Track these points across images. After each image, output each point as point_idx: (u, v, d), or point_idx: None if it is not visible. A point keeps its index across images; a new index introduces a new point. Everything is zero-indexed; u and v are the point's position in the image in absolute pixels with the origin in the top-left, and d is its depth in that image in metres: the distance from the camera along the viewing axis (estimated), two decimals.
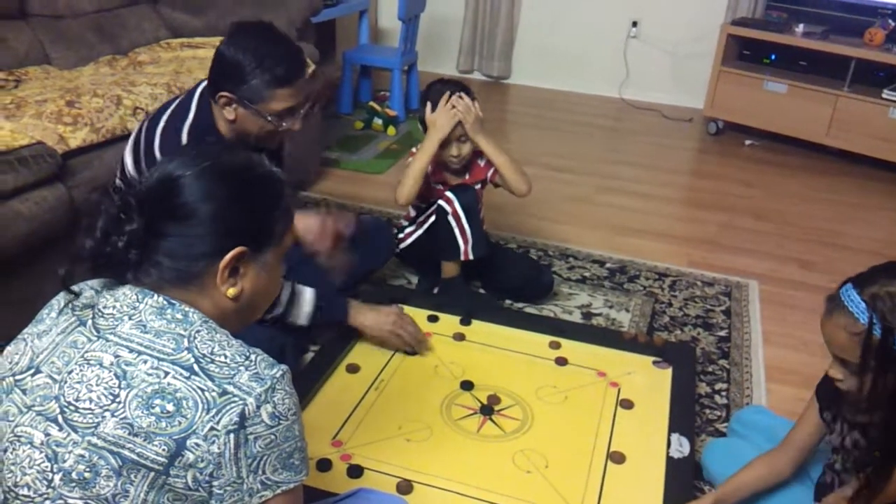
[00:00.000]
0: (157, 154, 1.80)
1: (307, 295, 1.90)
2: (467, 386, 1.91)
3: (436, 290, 2.40)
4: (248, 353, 0.94)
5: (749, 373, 2.16)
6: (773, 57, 4.09)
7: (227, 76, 1.74)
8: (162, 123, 1.83)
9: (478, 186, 2.41)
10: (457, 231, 2.29)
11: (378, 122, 4.00)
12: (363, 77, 4.44)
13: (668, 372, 1.99)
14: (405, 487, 1.57)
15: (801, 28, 3.92)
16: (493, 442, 1.74)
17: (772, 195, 3.51)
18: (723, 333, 2.34)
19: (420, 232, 2.40)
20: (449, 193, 2.30)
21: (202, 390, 0.89)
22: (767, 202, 3.43)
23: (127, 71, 2.76)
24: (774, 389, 2.10)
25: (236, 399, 0.90)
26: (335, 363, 1.95)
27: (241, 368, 0.92)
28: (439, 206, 2.31)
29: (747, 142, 4.17)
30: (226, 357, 0.93)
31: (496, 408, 1.84)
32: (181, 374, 0.90)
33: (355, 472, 1.60)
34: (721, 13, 4.38)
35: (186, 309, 0.96)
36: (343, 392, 1.87)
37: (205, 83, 1.85)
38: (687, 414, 1.82)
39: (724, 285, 2.64)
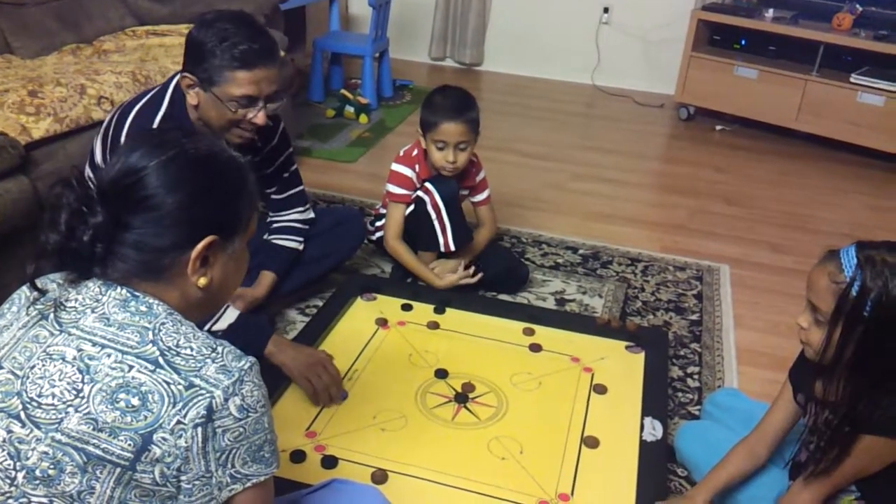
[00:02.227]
0: None
1: (228, 314, 1.77)
2: (442, 374, 1.90)
3: (410, 279, 2.39)
4: (214, 346, 0.93)
5: (721, 356, 2.18)
6: (743, 42, 4.11)
7: (191, 56, 1.71)
8: (132, 114, 1.79)
9: (464, 192, 2.40)
10: (436, 223, 2.27)
11: (350, 109, 3.96)
12: (334, 64, 4.40)
13: (641, 356, 2.01)
14: (380, 477, 1.56)
15: (770, 13, 3.95)
16: (467, 429, 1.74)
17: (742, 180, 3.54)
18: (695, 317, 2.36)
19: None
20: (429, 184, 2.28)
21: (168, 383, 0.88)
22: (738, 187, 3.46)
23: (91, 60, 2.71)
24: (746, 372, 2.12)
25: (203, 392, 0.88)
26: None
27: (208, 361, 0.91)
28: (418, 196, 2.29)
29: (718, 127, 4.20)
30: (192, 349, 0.91)
31: (471, 395, 1.84)
32: (146, 368, 0.88)
33: (329, 462, 1.59)
34: None
35: (151, 301, 0.95)
36: None
37: (180, 75, 1.81)
38: (660, 398, 1.84)
39: (696, 269, 2.66)
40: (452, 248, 2.31)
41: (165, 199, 0.95)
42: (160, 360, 0.89)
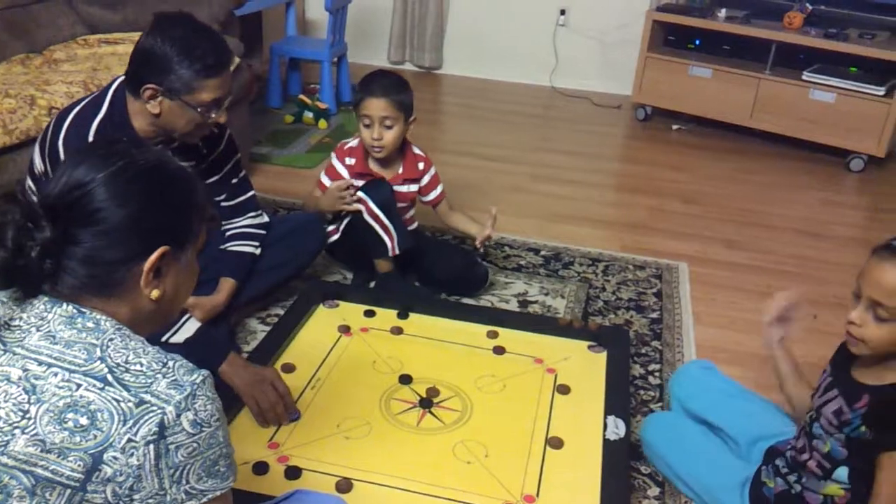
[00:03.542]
0: (60, 149, 1.73)
1: (187, 327, 1.73)
2: (406, 380, 1.90)
3: (372, 285, 2.38)
4: (165, 360, 0.91)
5: (681, 352, 2.20)
6: (697, 42, 4.17)
7: (152, 68, 1.70)
8: (69, 119, 1.76)
9: (412, 188, 2.39)
10: (378, 228, 2.26)
11: (309, 115, 3.94)
12: (292, 70, 4.36)
13: (603, 356, 2.02)
14: (345, 486, 1.55)
15: (723, 13, 4.01)
16: (433, 435, 1.73)
17: (699, 178, 3.59)
18: (655, 315, 2.39)
19: (338, 235, 2.37)
20: (361, 193, 2.26)
21: (117, 401, 0.86)
22: (695, 185, 3.50)
23: (42, 70, 2.65)
24: None
25: (154, 408, 0.86)
26: (270, 363, 1.91)
27: (159, 376, 0.89)
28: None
29: (675, 127, 4.25)
30: (141, 365, 0.89)
31: (435, 400, 1.83)
32: (94, 386, 0.86)
33: (293, 473, 1.58)
34: None
35: (98, 317, 0.92)
36: None
37: (121, 79, 1.79)
38: (622, 396, 1.85)
39: (655, 268, 2.69)
40: (398, 251, 2.29)
41: (115, 211, 0.93)
42: (109, 377, 0.87)
